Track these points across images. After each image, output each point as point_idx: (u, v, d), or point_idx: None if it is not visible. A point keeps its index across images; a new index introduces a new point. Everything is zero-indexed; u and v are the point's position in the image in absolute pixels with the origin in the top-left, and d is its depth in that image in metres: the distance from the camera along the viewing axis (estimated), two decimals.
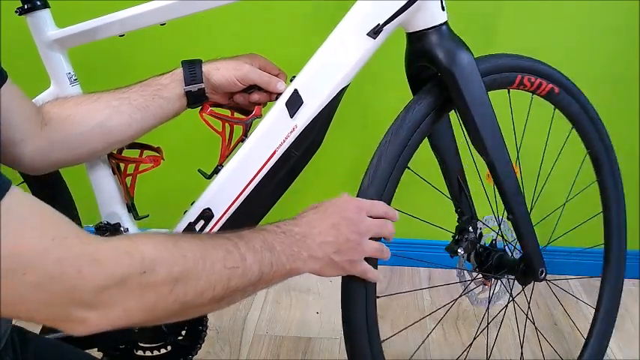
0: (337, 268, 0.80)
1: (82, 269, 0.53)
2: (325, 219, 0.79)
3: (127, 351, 1.06)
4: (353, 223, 0.79)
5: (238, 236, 0.70)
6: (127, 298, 0.57)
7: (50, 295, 0.53)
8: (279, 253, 0.73)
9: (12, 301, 0.52)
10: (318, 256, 0.76)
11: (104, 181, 0.99)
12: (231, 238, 0.69)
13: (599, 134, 1.10)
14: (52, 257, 0.52)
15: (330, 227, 0.78)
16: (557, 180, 1.21)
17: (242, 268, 0.67)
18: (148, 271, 0.57)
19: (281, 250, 0.73)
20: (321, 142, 0.92)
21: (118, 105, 0.89)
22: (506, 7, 1.52)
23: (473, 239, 1.05)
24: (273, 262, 0.71)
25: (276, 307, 1.61)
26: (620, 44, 1.55)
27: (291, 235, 0.75)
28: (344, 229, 0.78)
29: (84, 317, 0.55)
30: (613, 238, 1.20)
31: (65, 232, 0.54)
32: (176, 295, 0.60)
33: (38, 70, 0.97)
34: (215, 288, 0.64)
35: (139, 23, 0.94)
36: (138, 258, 0.57)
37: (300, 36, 1.45)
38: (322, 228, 0.78)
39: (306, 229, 0.77)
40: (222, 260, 0.65)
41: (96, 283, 0.54)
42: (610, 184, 1.15)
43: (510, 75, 0.97)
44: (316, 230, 0.77)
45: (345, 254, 0.79)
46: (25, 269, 0.51)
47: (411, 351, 1.41)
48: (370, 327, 0.88)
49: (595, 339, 1.23)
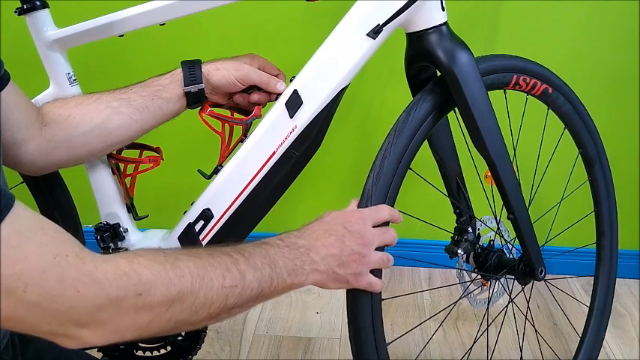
0: (341, 282, 0.78)
1: (81, 289, 0.54)
2: (330, 231, 0.77)
3: (127, 351, 1.06)
4: (358, 236, 0.78)
5: (239, 251, 0.69)
6: (121, 317, 0.57)
7: (49, 313, 0.53)
8: (281, 268, 0.72)
9: (11, 318, 0.52)
10: (322, 269, 0.75)
11: (104, 181, 0.99)
12: (232, 254, 0.68)
13: (590, 134, 1.11)
14: (52, 276, 0.53)
15: (334, 240, 0.76)
16: (552, 179, 1.22)
17: (241, 287, 0.67)
18: (144, 293, 0.58)
19: (283, 264, 0.72)
20: (321, 143, 0.92)
21: (117, 106, 0.89)
22: (506, 8, 1.52)
23: (472, 240, 1.05)
24: (273, 278, 0.71)
25: (276, 307, 1.61)
26: (620, 44, 1.55)
27: (294, 248, 0.74)
28: (348, 241, 0.77)
29: (78, 334, 0.56)
30: (605, 236, 1.20)
31: (66, 250, 0.54)
32: (171, 314, 0.61)
33: (37, 70, 0.97)
34: (212, 306, 0.64)
35: (139, 23, 0.94)
36: (135, 280, 0.57)
37: (300, 36, 1.45)
38: (326, 241, 0.76)
39: (310, 242, 0.76)
40: (220, 279, 0.65)
41: (93, 303, 0.55)
42: (601, 183, 1.16)
43: (507, 75, 0.97)
44: (320, 243, 0.76)
45: (349, 267, 0.77)
46: (25, 287, 0.51)
47: (411, 351, 1.41)
48: (376, 329, 0.88)
49: (589, 337, 1.24)
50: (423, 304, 1.63)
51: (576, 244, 1.34)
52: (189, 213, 0.94)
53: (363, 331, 0.88)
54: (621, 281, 1.56)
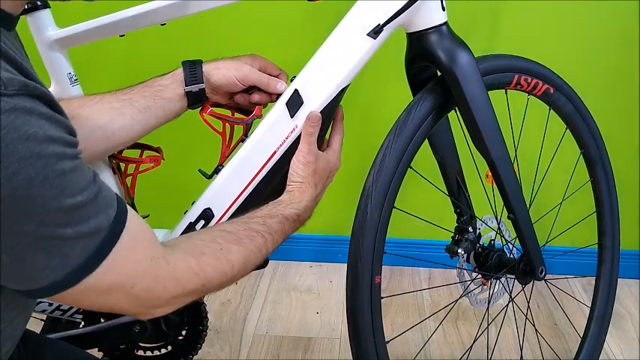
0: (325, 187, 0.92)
1: (167, 285, 0.68)
2: None
3: (128, 351, 1.06)
4: (322, 176, 0.91)
5: (267, 228, 0.82)
6: (187, 300, 0.72)
7: (141, 301, 0.66)
8: (290, 224, 0.86)
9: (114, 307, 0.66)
10: None
11: (104, 181, 0.99)
12: (264, 234, 0.81)
13: (592, 134, 1.11)
14: (150, 275, 0.65)
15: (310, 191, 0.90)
16: (553, 180, 1.22)
17: (270, 250, 0.82)
18: (207, 284, 0.73)
19: (288, 214, 0.85)
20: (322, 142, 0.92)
21: (120, 107, 0.89)
22: (506, 7, 1.52)
23: (472, 239, 1.05)
24: (286, 232, 0.85)
25: (276, 307, 1.61)
26: (621, 44, 1.55)
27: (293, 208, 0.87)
28: (320, 187, 0.91)
29: (153, 312, 0.70)
30: (606, 237, 1.20)
31: (158, 253, 0.67)
32: (221, 287, 0.77)
33: (38, 70, 0.96)
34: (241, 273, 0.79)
35: (139, 23, 0.94)
36: (202, 277, 0.71)
37: (300, 36, 1.45)
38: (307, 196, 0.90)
39: None
40: (258, 257, 0.80)
41: (172, 294, 0.69)
42: (602, 183, 1.16)
43: (508, 75, 0.97)
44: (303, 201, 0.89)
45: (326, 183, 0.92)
46: (133, 284, 0.64)
47: (411, 350, 1.41)
48: (376, 329, 0.88)
49: (590, 338, 1.24)
50: (423, 304, 1.63)
51: (577, 244, 1.34)
52: (190, 213, 0.94)
53: (363, 330, 0.88)
54: (621, 281, 1.56)
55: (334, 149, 0.93)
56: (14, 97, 0.51)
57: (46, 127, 0.53)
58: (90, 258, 0.58)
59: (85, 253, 0.57)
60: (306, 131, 0.88)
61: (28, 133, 0.51)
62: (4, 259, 0.54)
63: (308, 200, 0.88)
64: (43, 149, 0.52)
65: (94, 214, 0.58)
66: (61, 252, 0.56)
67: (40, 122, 0.52)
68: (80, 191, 0.56)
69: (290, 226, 0.85)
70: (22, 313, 0.70)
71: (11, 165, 0.50)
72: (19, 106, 0.51)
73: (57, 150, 0.53)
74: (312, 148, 0.88)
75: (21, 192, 0.51)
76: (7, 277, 0.56)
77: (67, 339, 1.00)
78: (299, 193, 0.88)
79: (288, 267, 1.79)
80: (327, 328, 1.52)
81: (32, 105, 0.52)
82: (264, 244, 0.80)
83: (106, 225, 0.59)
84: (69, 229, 0.55)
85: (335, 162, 0.92)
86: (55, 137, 0.53)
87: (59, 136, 0.54)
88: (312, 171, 0.88)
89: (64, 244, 0.56)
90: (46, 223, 0.53)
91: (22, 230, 0.53)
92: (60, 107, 0.57)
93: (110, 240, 0.59)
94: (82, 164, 0.58)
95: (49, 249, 0.55)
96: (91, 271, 0.58)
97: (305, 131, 0.88)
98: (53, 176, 0.53)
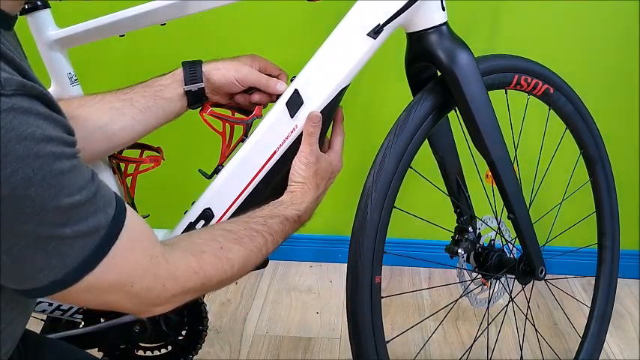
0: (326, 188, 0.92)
1: (166, 284, 0.67)
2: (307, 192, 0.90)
3: (128, 351, 1.06)
4: (324, 177, 0.90)
5: (268, 229, 0.82)
6: (186, 298, 0.72)
7: (140, 299, 0.66)
8: (290, 225, 0.85)
9: (114, 305, 0.66)
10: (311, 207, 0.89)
11: (104, 181, 0.99)
12: (264, 234, 0.81)
13: (591, 134, 1.11)
14: (150, 274, 0.66)
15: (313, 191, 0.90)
16: (553, 180, 1.22)
17: (270, 250, 0.82)
18: (206, 283, 0.73)
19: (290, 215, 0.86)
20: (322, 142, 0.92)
21: (120, 107, 0.89)
22: (506, 7, 1.52)
23: (472, 239, 1.06)
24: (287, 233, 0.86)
25: (276, 307, 1.61)
26: (621, 44, 1.55)
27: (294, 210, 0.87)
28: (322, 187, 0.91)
29: (152, 310, 0.70)
30: (606, 236, 1.20)
31: (157, 252, 0.67)
32: (221, 285, 0.77)
33: (38, 70, 0.96)
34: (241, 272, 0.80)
35: (139, 23, 0.94)
36: (201, 276, 0.71)
37: (300, 36, 1.45)
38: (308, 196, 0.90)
39: None
40: (259, 256, 0.80)
41: (172, 293, 0.69)
42: (602, 183, 1.16)
43: (508, 75, 0.97)
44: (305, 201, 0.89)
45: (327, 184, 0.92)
46: (133, 283, 0.64)
47: (411, 350, 1.41)
48: (376, 328, 0.88)
49: (590, 338, 1.24)
50: (423, 304, 1.63)
51: (577, 244, 1.34)
52: (190, 213, 0.94)
53: (363, 330, 0.88)
54: (621, 281, 1.56)
55: (336, 150, 0.93)
56: (12, 97, 0.51)
57: (43, 127, 0.53)
58: (89, 257, 0.58)
59: (84, 252, 0.57)
60: (306, 132, 0.88)
61: (25, 133, 0.51)
62: (4, 259, 0.54)
63: (309, 201, 0.88)
64: (41, 149, 0.52)
65: (92, 213, 0.58)
66: (60, 251, 0.56)
67: (38, 122, 0.52)
68: (78, 190, 0.56)
69: (291, 226, 0.85)
70: (22, 313, 0.70)
71: (9, 165, 0.50)
72: (17, 106, 0.51)
73: (55, 149, 0.53)
74: (314, 149, 0.88)
75: (19, 192, 0.51)
76: (6, 276, 0.56)
77: (67, 339, 1.00)
78: (300, 193, 0.88)
79: (288, 267, 1.79)
80: (327, 328, 1.52)
81: (30, 105, 0.52)
82: (264, 243, 0.80)
83: (104, 224, 0.59)
84: (68, 228, 0.55)
85: (337, 163, 0.92)
86: (52, 137, 0.53)
87: (57, 135, 0.54)
88: (313, 172, 0.88)
89: (63, 243, 0.56)
90: (45, 222, 0.54)
91: (22, 230, 0.53)
92: (58, 107, 0.57)
93: (109, 239, 0.59)
94: (81, 163, 0.58)
95: (48, 248, 0.55)
96: (91, 269, 0.59)
97: (306, 132, 0.88)
98: (51, 175, 0.53)
